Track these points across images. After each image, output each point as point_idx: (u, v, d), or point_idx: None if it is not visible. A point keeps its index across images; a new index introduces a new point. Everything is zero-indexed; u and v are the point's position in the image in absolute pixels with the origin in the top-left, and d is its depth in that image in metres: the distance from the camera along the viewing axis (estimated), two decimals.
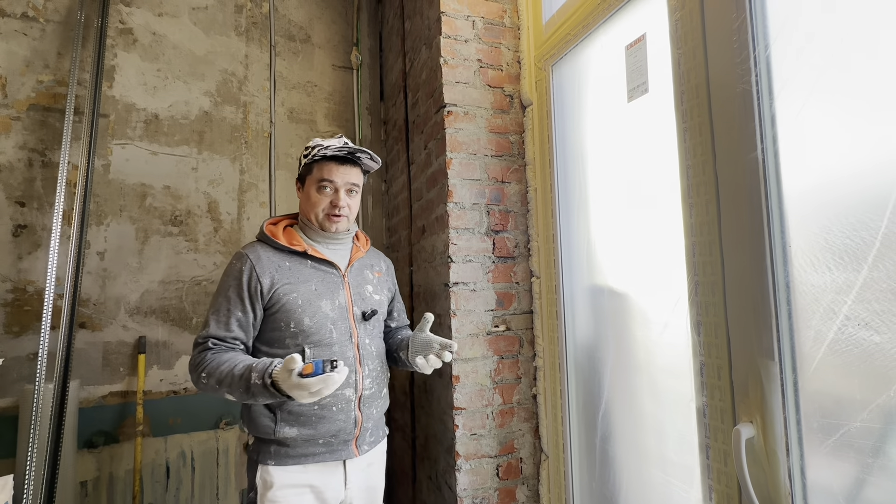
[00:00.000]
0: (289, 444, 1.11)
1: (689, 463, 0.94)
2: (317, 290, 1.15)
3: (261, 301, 1.11)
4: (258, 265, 1.12)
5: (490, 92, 1.55)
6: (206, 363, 1.05)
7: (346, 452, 1.14)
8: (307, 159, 1.18)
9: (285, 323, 1.11)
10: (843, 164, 0.70)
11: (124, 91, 2.02)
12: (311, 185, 1.18)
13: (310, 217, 1.19)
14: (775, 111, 0.77)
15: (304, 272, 1.16)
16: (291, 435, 1.09)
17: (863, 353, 0.65)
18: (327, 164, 1.17)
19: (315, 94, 2.36)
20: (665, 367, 1.04)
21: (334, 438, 1.12)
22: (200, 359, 1.07)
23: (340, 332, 1.15)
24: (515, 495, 1.44)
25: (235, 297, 1.11)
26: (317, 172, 1.17)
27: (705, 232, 0.87)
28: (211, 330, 1.09)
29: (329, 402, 1.11)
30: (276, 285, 1.12)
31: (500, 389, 1.46)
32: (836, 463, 0.69)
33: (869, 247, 0.65)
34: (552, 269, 1.41)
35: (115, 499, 1.87)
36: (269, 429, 1.10)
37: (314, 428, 1.10)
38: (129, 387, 1.93)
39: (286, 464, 1.10)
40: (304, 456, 1.11)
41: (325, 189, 1.17)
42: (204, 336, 1.10)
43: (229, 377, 1.02)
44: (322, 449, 1.12)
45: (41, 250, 1.84)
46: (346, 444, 1.14)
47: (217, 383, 1.04)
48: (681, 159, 0.93)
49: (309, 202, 1.19)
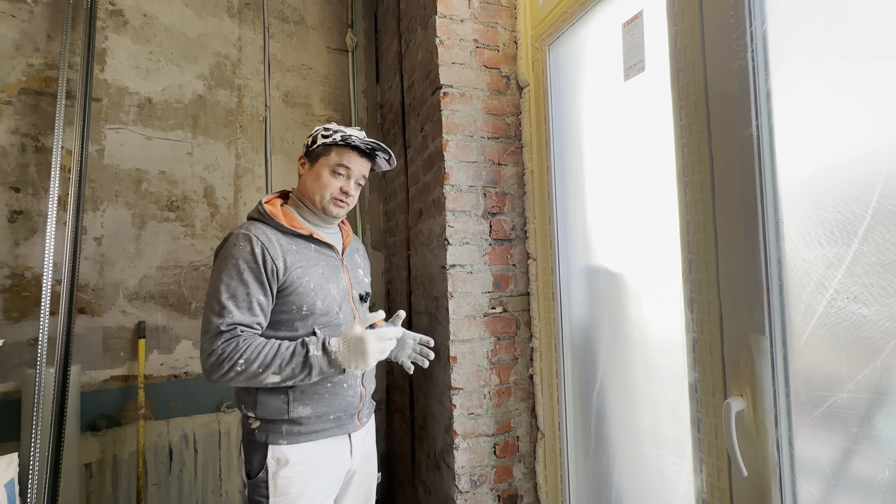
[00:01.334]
0: (301, 423, 1.13)
1: (681, 438, 0.96)
2: (324, 274, 1.17)
3: (276, 284, 1.09)
4: (270, 247, 1.09)
5: (486, 73, 1.54)
6: (242, 350, 1.01)
7: (351, 425, 1.19)
8: (328, 140, 1.17)
9: (297, 306, 1.11)
10: (836, 139, 0.70)
11: (116, 74, 2.00)
12: (325, 166, 1.18)
13: (313, 198, 1.19)
14: (771, 87, 0.77)
15: (310, 255, 1.17)
16: (305, 413, 1.12)
17: (851, 326, 0.66)
18: (349, 152, 1.18)
19: (310, 77, 2.33)
20: (658, 345, 1.05)
21: (343, 413, 1.17)
22: (232, 347, 1.00)
23: (345, 314, 1.19)
24: (512, 472, 1.47)
25: (254, 281, 1.06)
26: (336, 157, 1.17)
27: (699, 210, 0.88)
28: (236, 317, 1.03)
29: (341, 380, 1.16)
30: (290, 268, 1.10)
31: (497, 370, 1.48)
32: (823, 433, 0.71)
33: (860, 221, 0.65)
34: (548, 251, 1.42)
35: (120, 480, 1.91)
36: (283, 410, 1.10)
37: (327, 405, 1.14)
38: (130, 371, 1.95)
39: (298, 441, 1.12)
40: (316, 432, 1.14)
41: (339, 175, 1.18)
42: (229, 324, 1.02)
43: (278, 358, 1.02)
44: (332, 424, 1.16)
45: (38, 236, 1.84)
46: (351, 417, 1.20)
47: (261, 367, 1.01)
48: (676, 137, 0.93)
49: (319, 182, 1.18)
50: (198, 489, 2.02)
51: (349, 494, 1.25)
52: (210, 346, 1.01)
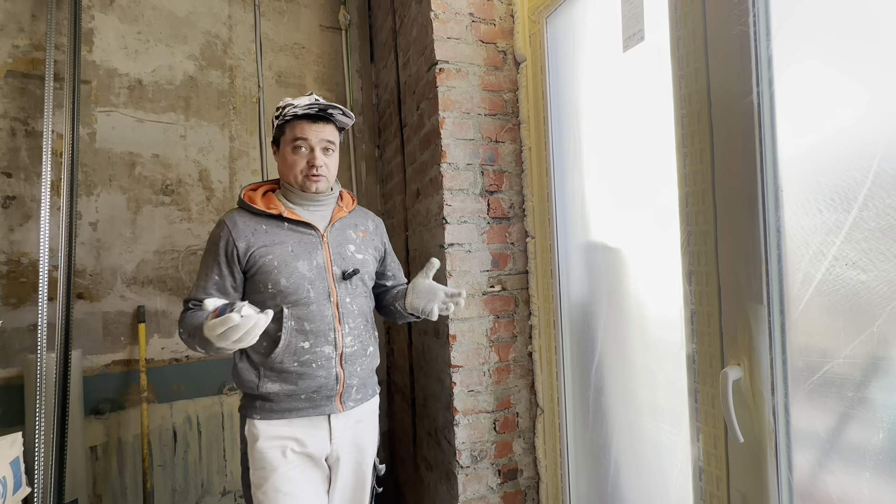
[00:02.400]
0: (272, 399, 1.14)
1: (678, 408, 0.97)
2: (293, 252, 1.16)
3: (238, 264, 1.15)
4: (234, 230, 1.15)
5: (483, 48, 1.51)
6: (184, 321, 1.13)
7: (329, 408, 1.16)
8: (279, 120, 1.16)
9: (263, 284, 1.14)
10: (839, 105, 0.69)
11: (104, 56, 1.95)
12: (286, 145, 1.17)
13: (289, 179, 1.18)
14: (772, 53, 0.76)
15: (280, 234, 1.17)
16: (274, 390, 1.13)
17: (849, 292, 0.66)
18: (300, 123, 1.15)
19: (303, 56, 2.29)
20: (656, 319, 1.06)
21: (316, 394, 1.15)
22: (181, 318, 1.15)
23: (318, 292, 1.16)
24: (512, 447, 1.49)
25: (213, 262, 1.15)
26: (289, 132, 1.16)
27: (699, 181, 0.87)
28: (192, 293, 1.17)
29: (308, 359, 1.14)
30: (251, 248, 1.14)
31: (497, 348, 1.49)
32: (820, 399, 0.71)
33: (860, 186, 0.65)
34: (547, 229, 1.42)
35: (126, 462, 1.93)
36: (254, 384, 1.14)
37: (295, 384, 1.13)
38: (131, 355, 1.96)
39: (270, 418, 1.14)
40: (288, 411, 1.14)
41: (300, 149, 1.15)
42: (186, 300, 1.18)
43: (193, 329, 1.08)
44: (305, 404, 1.15)
45: (32, 221, 1.82)
46: (329, 399, 1.16)
47: (189, 336, 1.10)
48: (675, 107, 0.92)
49: (286, 164, 1.18)
50: (203, 470, 2.05)
51: (339, 483, 1.20)
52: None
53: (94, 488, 1.88)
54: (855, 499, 0.67)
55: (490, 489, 1.45)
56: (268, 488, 1.11)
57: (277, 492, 1.10)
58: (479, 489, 1.44)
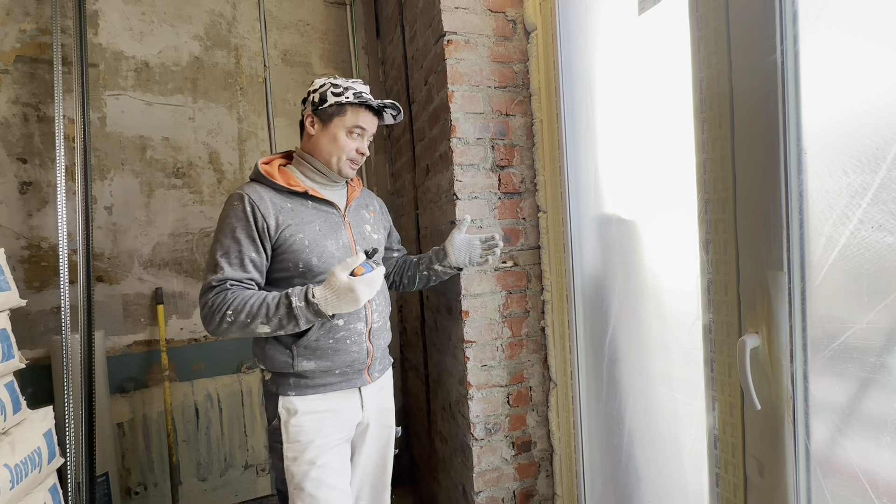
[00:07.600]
0: (307, 376, 1.16)
1: (694, 378, 0.97)
2: (321, 231, 1.16)
3: (269, 241, 1.11)
4: (261, 205, 1.11)
5: (492, 17, 1.46)
6: (230, 302, 1.04)
7: (360, 380, 1.22)
8: (340, 98, 1.15)
9: (293, 263, 1.13)
10: (867, 62, 0.66)
11: (111, 38, 1.94)
12: (341, 127, 1.17)
13: (328, 159, 1.19)
14: (797, 7, 0.72)
15: (307, 213, 1.16)
16: (310, 368, 1.14)
17: (874, 256, 0.64)
18: (364, 112, 1.18)
19: (308, 33, 2.25)
20: (671, 290, 1.05)
21: (349, 368, 1.18)
22: (221, 299, 1.04)
23: None
24: (525, 420, 1.51)
25: (246, 238, 1.09)
26: (352, 117, 1.17)
27: (717, 147, 0.85)
28: (227, 272, 1.07)
29: (343, 336, 1.16)
30: (281, 226, 1.12)
31: (509, 323, 1.49)
32: (840, 365, 0.70)
33: (889, 145, 0.62)
34: (559, 203, 1.40)
35: (151, 438, 2.01)
36: (287, 364, 1.14)
37: (330, 360, 1.15)
38: (151, 336, 2.01)
39: (306, 393, 1.16)
40: (323, 385, 1.17)
41: (354, 135, 1.18)
42: (219, 279, 1.06)
43: (264, 307, 1.04)
44: (339, 378, 1.18)
45: (49, 206, 1.85)
46: (360, 372, 1.21)
47: (249, 317, 1.03)
48: (694, 72, 0.89)
49: (336, 144, 1.17)
50: (225, 444, 2.12)
51: (366, 446, 1.28)
52: (203, 300, 1.08)
53: (122, 462, 1.96)
54: (875, 463, 0.67)
55: (504, 461, 1.48)
56: (303, 461, 1.14)
57: (313, 464, 1.13)
58: (494, 461, 1.47)
